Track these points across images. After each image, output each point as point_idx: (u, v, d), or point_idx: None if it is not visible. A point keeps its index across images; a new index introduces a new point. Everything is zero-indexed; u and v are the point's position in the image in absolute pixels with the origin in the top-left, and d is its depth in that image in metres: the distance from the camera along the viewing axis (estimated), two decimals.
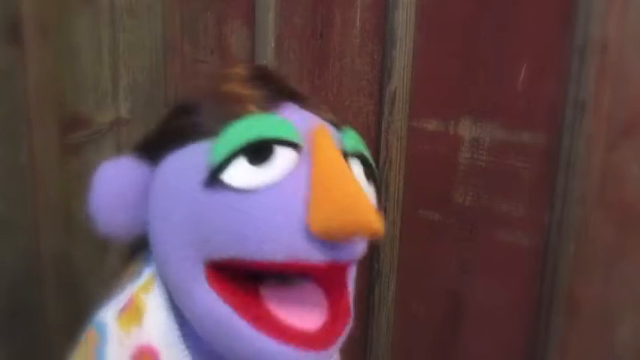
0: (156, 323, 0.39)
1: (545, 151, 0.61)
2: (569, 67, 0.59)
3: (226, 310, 0.36)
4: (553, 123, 0.60)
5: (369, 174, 0.41)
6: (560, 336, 0.63)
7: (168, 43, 0.78)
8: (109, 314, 0.40)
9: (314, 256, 0.35)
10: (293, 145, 0.36)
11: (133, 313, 0.39)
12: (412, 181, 0.69)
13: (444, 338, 0.70)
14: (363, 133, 0.71)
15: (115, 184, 0.41)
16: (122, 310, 0.40)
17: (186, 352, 0.39)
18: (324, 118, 0.41)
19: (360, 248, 0.38)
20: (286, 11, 0.72)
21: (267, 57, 0.73)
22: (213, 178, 0.35)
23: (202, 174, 0.36)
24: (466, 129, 0.65)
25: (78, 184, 0.80)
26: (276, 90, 0.40)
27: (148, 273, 0.41)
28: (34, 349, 0.78)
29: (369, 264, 0.72)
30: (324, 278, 0.40)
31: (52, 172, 0.78)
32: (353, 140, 0.41)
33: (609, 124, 0.58)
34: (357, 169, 0.40)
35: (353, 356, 0.76)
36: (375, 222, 0.33)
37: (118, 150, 0.83)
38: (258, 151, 0.35)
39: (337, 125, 0.42)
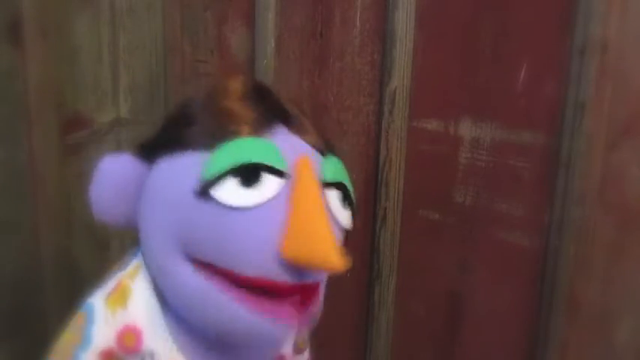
0: (140, 305, 0.43)
1: (545, 151, 0.62)
2: (569, 67, 0.59)
3: (203, 283, 0.40)
4: (553, 123, 0.60)
5: (346, 198, 0.44)
6: (560, 336, 0.63)
7: (168, 43, 0.78)
8: (96, 297, 0.44)
9: (282, 277, 0.39)
10: (279, 173, 0.40)
11: (118, 296, 0.43)
12: (412, 181, 0.69)
13: (443, 338, 0.71)
14: (363, 133, 0.71)
15: (115, 175, 0.44)
16: (109, 294, 0.44)
17: (167, 332, 0.43)
18: (310, 144, 0.44)
19: (322, 274, 0.43)
20: (286, 11, 0.72)
21: (267, 57, 0.73)
22: (204, 192, 0.39)
23: (194, 184, 0.39)
24: (466, 129, 0.65)
25: (78, 184, 0.80)
26: (269, 110, 0.43)
27: (134, 263, 0.45)
28: (34, 349, 0.78)
29: (369, 264, 0.72)
30: None
31: (52, 172, 0.78)
32: (333, 168, 0.44)
33: (609, 124, 0.58)
34: (333, 197, 0.43)
35: (353, 356, 0.76)
36: (336, 262, 0.37)
37: (118, 150, 0.83)
38: (248, 174, 0.39)
39: (322, 151, 0.45)
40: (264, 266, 0.39)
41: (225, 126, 0.41)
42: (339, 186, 0.43)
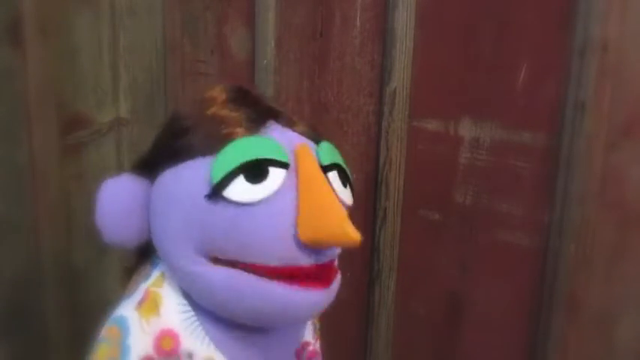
0: (172, 310, 0.44)
1: (545, 151, 0.62)
2: (569, 67, 0.59)
3: (233, 272, 0.41)
4: (553, 123, 0.60)
5: (345, 179, 0.46)
6: (560, 336, 0.63)
7: (168, 43, 0.78)
8: (127, 309, 0.44)
9: (303, 260, 0.41)
10: (282, 165, 0.41)
11: (150, 305, 0.44)
12: (412, 181, 0.69)
13: (443, 338, 0.71)
14: (363, 133, 0.71)
15: (118, 199, 0.45)
16: (139, 304, 0.44)
17: (204, 333, 0.44)
18: (302, 134, 0.46)
19: (341, 248, 0.45)
20: (286, 11, 0.72)
21: (267, 57, 0.73)
22: (216, 194, 0.40)
23: (204, 188, 0.41)
24: (466, 129, 0.65)
25: (78, 184, 0.80)
26: (256, 110, 0.45)
27: (156, 273, 0.46)
28: (34, 349, 0.78)
29: (369, 264, 0.72)
30: None
31: (52, 172, 0.78)
32: (328, 152, 0.46)
33: (609, 124, 0.58)
34: (334, 179, 0.45)
35: (353, 356, 0.76)
36: (352, 234, 0.39)
37: (118, 150, 0.83)
38: (254, 170, 0.40)
39: (314, 139, 0.47)
40: (286, 254, 0.41)
41: (219, 131, 0.42)
42: (336, 167, 0.45)
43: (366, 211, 0.72)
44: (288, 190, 0.41)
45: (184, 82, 0.79)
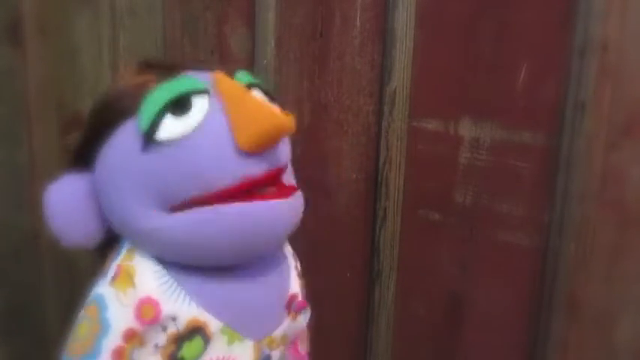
0: (147, 278, 0.43)
1: (545, 151, 0.62)
2: (569, 67, 0.59)
3: (194, 214, 0.42)
4: (553, 123, 0.60)
5: (269, 97, 0.47)
6: (560, 336, 0.63)
7: (168, 43, 0.78)
8: (102, 286, 0.44)
9: (252, 170, 0.42)
10: (202, 92, 0.42)
11: (124, 278, 0.44)
12: (412, 181, 0.69)
13: (443, 338, 0.71)
14: (363, 133, 0.71)
15: (65, 199, 0.46)
16: (113, 279, 0.44)
17: (184, 293, 0.43)
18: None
19: (285, 152, 0.46)
20: (286, 11, 0.72)
21: (267, 57, 0.73)
22: (149, 140, 0.41)
23: (137, 143, 0.42)
24: (466, 129, 0.65)
25: None
26: (167, 69, 0.45)
27: (125, 249, 0.46)
28: (34, 349, 0.78)
29: (369, 264, 0.72)
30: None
31: (52, 172, 0.78)
32: (246, 76, 0.47)
33: (609, 124, 0.58)
34: (258, 95, 0.46)
35: (353, 356, 0.76)
36: (286, 120, 0.41)
37: None
38: (178, 106, 0.41)
39: (230, 73, 0.47)
40: (233, 169, 0.41)
41: (137, 91, 0.43)
42: (256, 86, 0.47)
43: (366, 211, 0.72)
44: (215, 112, 0.42)
45: None
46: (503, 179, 0.64)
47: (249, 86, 0.46)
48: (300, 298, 0.51)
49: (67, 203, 0.46)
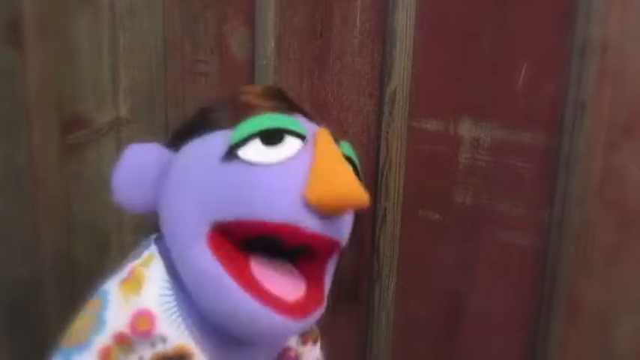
0: (153, 292, 0.44)
1: (545, 151, 0.62)
2: (569, 67, 0.59)
3: (218, 270, 0.42)
4: (553, 123, 0.60)
5: (358, 176, 0.48)
6: (560, 336, 0.63)
7: (168, 43, 0.78)
8: (111, 284, 0.45)
9: (306, 222, 0.42)
10: (300, 136, 0.44)
11: (132, 283, 0.45)
12: (412, 181, 0.69)
13: (443, 338, 0.71)
14: (363, 133, 0.71)
15: (136, 162, 0.47)
16: (122, 280, 0.45)
17: (180, 320, 0.44)
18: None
19: (345, 230, 0.47)
20: (286, 11, 0.72)
21: (267, 57, 0.73)
22: (231, 153, 0.43)
23: (221, 151, 0.43)
24: (466, 129, 0.65)
25: (78, 184, 0.80)
26: (286, 105, 0.48)
27: (147, 253, 0.47)
28: (34, 349, 0.78)
29: (369, 264, 0.72)
30: (305, 265, 0.47)
31: (52, 172, 0.79)
32: (347, 148, 0.48)
33: (609, 124, 0.58)
34: (349, 167, 0.46)
35: (353, 356, 0.76)
36: (362, 195, 0.41)
37: (118, 150, 0.83)
38: (271, 137, 0.43)
39: (335, 137, 0.48)
40: (288, 211, 0.42)
41: (246, 111, 0.45)
42: (352, 162, 0.47)
43: (366, 211, 0.72)
44: (302, 158, 0.43)
45: (184, 82, 0.79)
46: (503, 179, 0.64)
47: (346, 158, 0.46)
48: (292, 352, 0.53)
49: (136, 164, 0.47)
